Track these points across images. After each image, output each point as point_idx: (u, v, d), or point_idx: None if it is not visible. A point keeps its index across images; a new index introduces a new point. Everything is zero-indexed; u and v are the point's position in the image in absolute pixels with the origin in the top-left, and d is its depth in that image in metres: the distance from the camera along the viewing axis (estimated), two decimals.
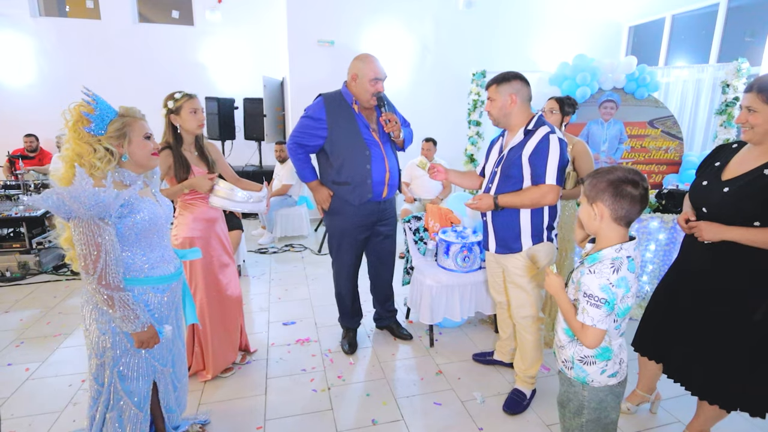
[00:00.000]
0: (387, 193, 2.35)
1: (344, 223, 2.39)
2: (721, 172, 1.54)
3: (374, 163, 2.27)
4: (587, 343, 1.21)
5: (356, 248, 2.48)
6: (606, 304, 1.16)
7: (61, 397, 2.17)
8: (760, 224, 1.40)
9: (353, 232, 2.41)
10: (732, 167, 1.52)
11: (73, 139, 1.32)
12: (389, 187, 2.35)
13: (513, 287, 2.05)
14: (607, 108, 4.29)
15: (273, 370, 2.42)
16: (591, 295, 1.18)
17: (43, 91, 5.90)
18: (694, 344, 1.60)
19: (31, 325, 2.93)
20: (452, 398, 2.19)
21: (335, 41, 5.51)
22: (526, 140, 1.88)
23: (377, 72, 2.25)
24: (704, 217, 1.55)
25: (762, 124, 1.40)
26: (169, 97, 2.02)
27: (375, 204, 2.37)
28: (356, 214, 2.35)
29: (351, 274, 2.54)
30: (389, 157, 2.33)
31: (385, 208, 2.44)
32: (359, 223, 2.39)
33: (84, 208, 1.24)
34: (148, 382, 1.47)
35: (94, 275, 1.28)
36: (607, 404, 1.30)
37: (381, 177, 2.30)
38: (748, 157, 1.48)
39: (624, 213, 1.19)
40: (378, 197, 2.34)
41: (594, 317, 1.18)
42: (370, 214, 2.39)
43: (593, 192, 1.23)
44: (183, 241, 2.08)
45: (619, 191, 1.18)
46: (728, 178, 1.50)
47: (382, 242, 2.53)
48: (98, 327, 1.38)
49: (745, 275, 1.47)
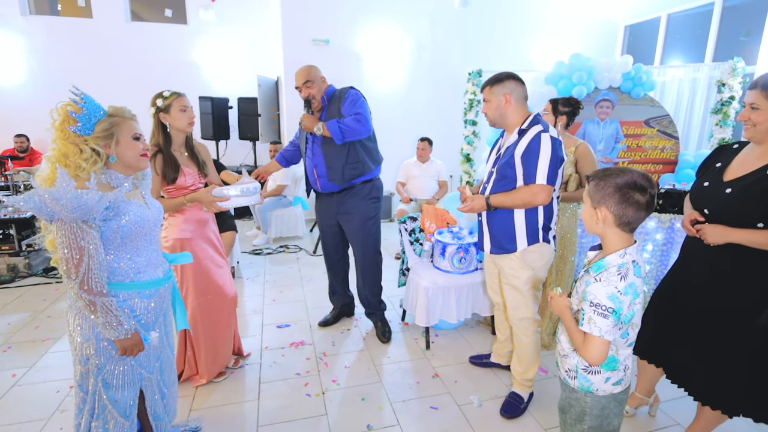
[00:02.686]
0: (321, 186, 2.59)
1: (316, 208, 2.81)
2: (723, 173, 1.51)
3: (307, 158, 2.62)
4: (589, 356, 1.16)
5: (325, 232, 2.79)
6: (614, 313, 1.12)
7: (49, 403, 2.11)
8: (764, 226, 1.37)
9: (318, 217, 2.78)
10: (734, 168, 1.49)
11: (60, 139, 1.28)
12: (320, 178, 2.57)
13: (509, 288, 2.02)
14: (603, 107, 4.28)
15: (266, 374, 2.37)
16: (598, 304, 1.13)
17: (33, 90, 5.81)
18: (694, 347, 1.57)
19: (19, 329, 2.87)
20: (449, 402, 2.15)
21: (330, 40, 5.47)
22: (519, 140, 1.86)
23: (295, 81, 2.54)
24: (707, 219, 1.52)
25: (765, 121, 1.37)
26: (157, 95, 1.98)
27: (325, 196, 2.66)
28: (317, 202, 2.76)
29: (327, 253, 2.87)
30: (316, 153, 2.55)
31: (340, 201, 2.61)
32: (321, 211, 2.74)
33: (66, 210, 1.20)
34: (134, 390, 1.42)
35: (76, 280, 1.24)
36: (609, 411, 1.27)
37: (309, 170, 2.62)
38: (750, 158, 1.45)
39: (629, 219, 1.15)
40: (317, 189, 2.65)
41: (602, 327, 1.13)
42: (325, 204, 2.69)
43: (598, 195, 1.18)
44: (174, 243, 2.04)
45: (626, 197, 1.14)
46: (730, 179, 1.47)
47: (349, 235, 2.73)
48: (82, 333, 1.33)
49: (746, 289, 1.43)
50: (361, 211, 2.60)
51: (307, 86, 2.47)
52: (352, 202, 2.58)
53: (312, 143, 2.56)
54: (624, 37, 6.46)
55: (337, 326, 2.91)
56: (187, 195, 1.99)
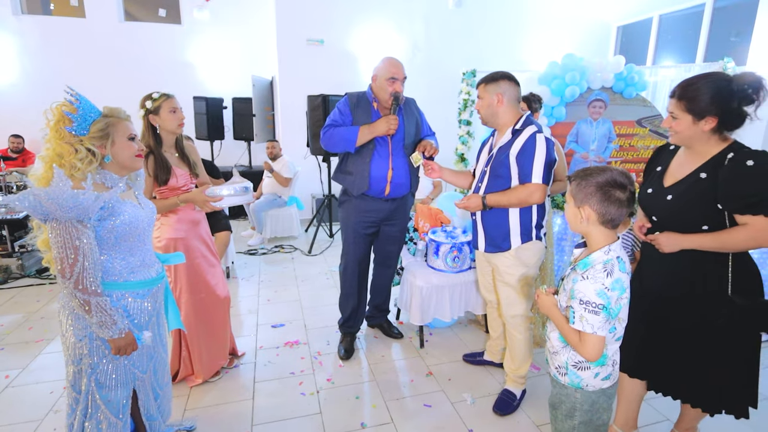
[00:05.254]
0: (390, 191, 2.35)
1: (348, 215, 2.46)
2: (663, 178, 1.51)
3: (376, 159, 2.31)
4: (587, 354, 1.18)
5: (360, 243, 2.48)
6: (604, 309, 1.15)
7: (42, 404, 2.11)
8: (709, 228, 1.38)
9: (356, 226, 2.43)
10: (672, 171, 1.49)
11: (54, 139, 1.29)
12: (393, 185, 2.34)
13: (503, 286, 2.04)
14: (596, 107, 4.31)
15: (261, 373, 2.38)
16: (588, 301, 1.16)
17: (26, 91, 5.77)
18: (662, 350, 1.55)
19: (12, 330, 2.85)
20: (442, 399, 2.17)
21: (325, 40, 5.48)
22: (513, 140, 1.90)
23: (393, 72, 2.28)
24: (655, 226, 1.52)
25: (684, 131, 1.38)
26: (146, 97, 1.98)
27: (379, 201, 2.39)
28: (358, 208, 2.40)
29: (356, 272, 2.53)
30: (396, 156, 2.34)
31: (394, 208, 2.44)
32: (362, 218, 2.41)
33: (62, 210, 1.20)
34: (127, 389, 1.43)
35: (71, 279, 1.24)
36: (599, 406, 1.29)
37: (381, 173, 2.32)
38: (685, 161, 1.46)
39: (611, 216, 1.19)
40: (379, 194, 2.36)
41: (594, 324, 1.16)
42: (373, 211, 2.40)
43: (581, 195, 1.21)
44: (167, 243, 2.04)
45: (607, 196, 1.17)
46: (670, 184, 1.47)
47: (386, 243, 2.56)
48: (75, 333, 1.34)
49: (699, 287, 1.43)
50: (406, 217, 2.58)
51: (403, 80, 2.32)
52: (403, 209, 2.52)
53: (391, 146, 2.34)
54: (616, 37, 6.52)
55: (332, 326, 2.90)
56: (181, 195, 2.00)
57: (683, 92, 1.37)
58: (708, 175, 1.37)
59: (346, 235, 2.50)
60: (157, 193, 2.02)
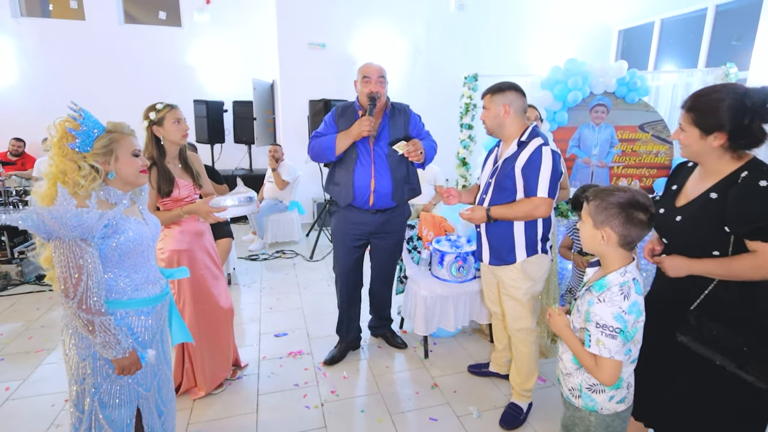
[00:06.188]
0: (374, 201, 2.30)
1: (338, 226, 2.45)
2: (676, 198, 1.43)
3: (358, 168, 2.28)
4: (604, 379, 1.16)
5: (349, 255, 2.45)
6: (621, 333, 1.13)
7: (44, 418, 2.08)
8: (720, 253, 1.28)
9: (345, 237, 2.43)
10: (687, 191, 1.41)
11: (58, 155, 1.26)
12: (376, 195, 2.29)
13: (508, 299, 2.02)
14: (598, 112, 4.30)
15: (264, 385, 2.36)
16: (605, 325, 1.13)
17: (25, 93, 5.73)
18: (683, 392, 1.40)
19: (12, 340, 2.82)
20: (448, 413, 2.15)
21: (326, 44, 5.45)
22: (519, 152, 1.87)
23: (365, 71, 2.25)
24: (666, 248, 1.44)
25: (691, 144, 1.31)
26: (150, 108, 1.96)
27: (366, 213, 2.34)
28: (346, 219, 2.39)
29: (346, 284, 2.52)
30: (379, 165, 2.28)
31: (383, 221, 2.38)
32: (351, 230, 2.40)
33: (65, 229, 1.18)
34: (131, 408, 1.40)
35: (74, 299, 1.22)
36: (613, 429, 1.27)
37: (364, 182, 2.27)
38: (699, 180, 1.37)
39: (632, 239, 1.16)
40: (363, 204, 2.31)
41: (611, 348, 1.13)
42: (362, 223, 2.37)
43: (601, 216, 1.17)
44: (170, 255, 2.02)
45: (630, 218, 1.14)
46: (681, 205, 1.39)
47: (379, 256, 2.54)
48: (78, 353, 1.31)
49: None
50: (400, 231, 2.52)
51: (380, 81, 2.22)
52: (396, 222, 2.45)
53: (373, 154, 2.27)
54: (618, 41, 6.50)
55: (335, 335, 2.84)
56: (184, 207, 1.98)
57: (693, 103, 1.29)
58: (719, 195, 1.27)
59: (336, 246, 2.50)
60: (161, 204, 2.00)
